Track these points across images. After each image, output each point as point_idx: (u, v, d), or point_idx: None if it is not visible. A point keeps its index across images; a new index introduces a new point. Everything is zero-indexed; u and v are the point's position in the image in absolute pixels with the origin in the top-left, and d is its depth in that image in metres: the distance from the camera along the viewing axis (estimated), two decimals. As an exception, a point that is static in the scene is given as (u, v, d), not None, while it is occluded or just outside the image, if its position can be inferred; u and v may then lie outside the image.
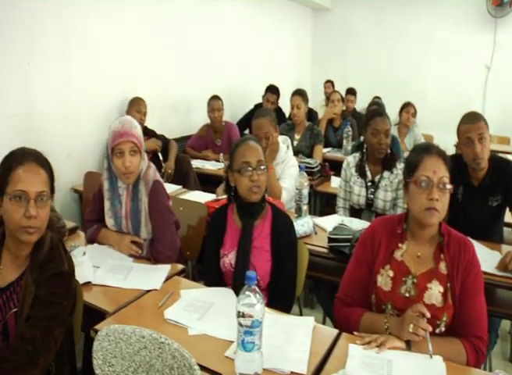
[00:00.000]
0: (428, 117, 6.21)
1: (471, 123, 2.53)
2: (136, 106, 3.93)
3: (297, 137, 4.33)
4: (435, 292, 1.72)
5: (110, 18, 3.91)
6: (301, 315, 3.05)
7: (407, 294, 1.74)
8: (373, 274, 1.81)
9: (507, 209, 2.68)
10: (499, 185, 2.58)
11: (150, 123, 4.05)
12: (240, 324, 1.34)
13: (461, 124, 2.59)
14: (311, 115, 5.25)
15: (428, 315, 1.56)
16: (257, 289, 1.35)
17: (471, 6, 6.70)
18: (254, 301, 1.33)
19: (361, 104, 6.60)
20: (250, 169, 2.01)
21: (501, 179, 2.57)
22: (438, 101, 6.97)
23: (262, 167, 2.04)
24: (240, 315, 1.33)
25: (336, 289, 2.68)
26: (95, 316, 1.75)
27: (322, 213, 3.94)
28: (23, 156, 1.55)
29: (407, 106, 4.75)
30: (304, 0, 7.09)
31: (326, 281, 2.55)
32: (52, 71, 3.47)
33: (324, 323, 2.81)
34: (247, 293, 1.34)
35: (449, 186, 1.71)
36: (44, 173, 1.56)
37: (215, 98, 4.55)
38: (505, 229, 2.92)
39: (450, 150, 5.82)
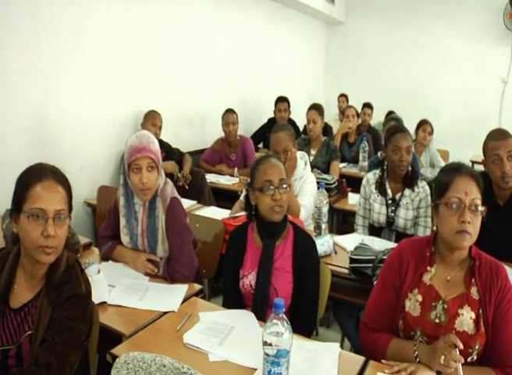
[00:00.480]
0: (443, 132, 6.14)
1: (500, 139, 2.45)
2: (151, 120, 3.89)
3: (313, 152, 4.27)
4: (466, 318, 1.64)
5: (125, 30, 3.90)
6: (317, 334, 2.98)
7: (437, 321, 1.66)
8: (400, 298, 1.73)
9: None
10: (526, 203, 2.50)
11: (164, 136, 4.02)
12: (267, 354, 1.27)
13: (489, 141, 2.51)
14: (326, 129, 5.19)
15: (461, 346, 1.48)
16: (284, 317, 1.28)
17: (487, 19, 6.64)
18: (281, 330, 1.26)
19: (375, 118, 6.55)
20: (272, 187, 1.95)
21: None
22: (453, 115, 6.89)
23: (284, 186, 1.98)
24: (267, 344, 1.26)
25: (355, 310, 2.65)
26: (111, 338, 1.69)
27: (339, 231, 3.87)
28: (41, 172, 1.50)
29: (423, 124, 4.65)
30: (318, 13, 7.07)
31: (345, 302, 2.47)
32: (66, 83, 3.45)
33: (342, 343, 2.73)
34: (275, 321, 1.27)
35: (481, 208, 1.64)
36: (63, 190, 1.51)
37: (230, 111, 4.50)
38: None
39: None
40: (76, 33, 3.48)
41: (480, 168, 5.18)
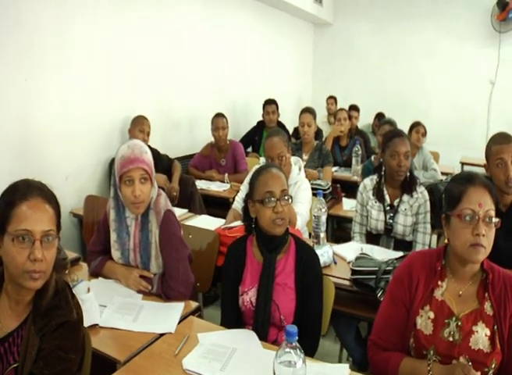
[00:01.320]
0: (432, 133, 6.04)
1: (505, 143, 2.39)
2: (139, 125, 3.76)
3: (305, 157, 4.19)
4: (481, 336, 1.56)
5: (111, 34, 3.77)
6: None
7: (451, 339, 1.58)
8: (411, 315, 1.64)
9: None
10: (529, 210, 2.43)
11: (152, 142, 3.88)
12: (279, 387, 1.17)
13: (492, 144, 2.44)
14: (317, 133, 5.11)
15: None
16: (298, 345, 1.17)
17: (475, 21, 6.64)
18: (294, 359, 1.16)
19: (363, 121, 6.53)
20: (273, 199, 1.85)
21: None
22: (442, 116, 6.86)
23: (286, 197, 1.88)
24: (279, 375, 1.16)
25: (354, 321, 2.56)
26: (104, 365, 1.57)
27: (334, 237, 3.79)
28: (27, 190, 1.36)
29: (416, 126, 4.58)
30: (305, 14, 6.99)
31: (346, 314, 2.38)
32: (51, 88, 3.30)
33: (341, 355, 2.65)
34: (287, 350, 1.17)
35: (495, 220, 1.57)
36: (51, 208, 1.38)
37: (220, 115, 4.38)
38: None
39: (457, 167, 5.74)
40: (61, 38, 3.34)
41: (471, 169, 5.17)
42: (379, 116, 6.30)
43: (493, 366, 1.54)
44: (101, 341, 1.68)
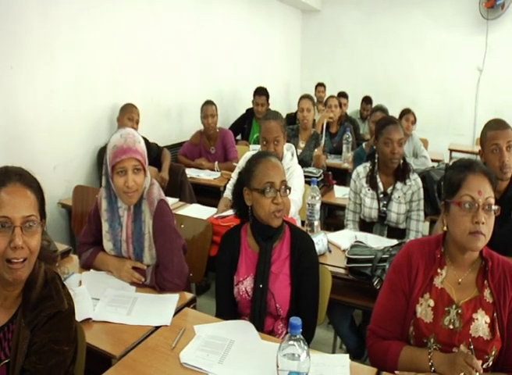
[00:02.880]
0: (420, 120, 6.01)
1: (500, 129, 2.37)
2: (128, 114, 3.68)
3: (302, 145, 4.17)
4: (481, 323, 1.55)
5: (99, 22, 3.67)
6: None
7: (451, 327, 1.57)
8: (411, 304, 1.63)
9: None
10: (522, 197, 2.43)
11: (141, 130, 3.81)
12: (283, 379, 1.14)
13: (488, 130, 2.42)
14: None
15: (481, 371, 1.39)
16: (301, 337, 1.15)
17: (463, 8, 6.62)
18: (298, 352, 1.13)
19: (351, 107, 6.51)
20: (274, 190, 1.80)
21: None
22: (430, 103, 6.86)
23: (286, 189, 1.84)
24: (282, 368, 1.13)
25: (349, 310, 2.55)
26: (99, 360, 1.53)
27: (325, 225, 3.77)
28: (4, 176, 1.30)
29: (406, 114, 4.54)
30: (294, 1, 6.92)
31: (341, 302, 2.36)
32: (37, 76, 3.21)
33: (335, 343, 2.64)
34: (291, 342, 1.14)
35: (495, 207, 1.55)
36: (32, 194, 1.31)
37: (209, 103, 4.32)
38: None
39: (445, 154, 5.74)
40: (48, 25, 3.24)
41: (460, 156, 5.18)
42: (366, 100, 6.34)
43: (493, 353, 1.54)
44: (94, 335, 1.63)
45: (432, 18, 6.82)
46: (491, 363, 1.55)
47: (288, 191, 1.85)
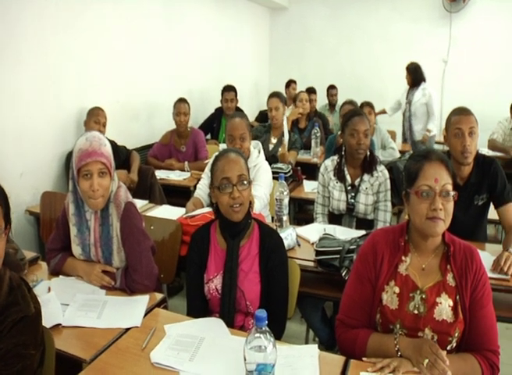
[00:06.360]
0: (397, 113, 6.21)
1: (464, 114, 2.45)
2: (94, 117, 3.66)
3: (274, 140, 4.20)
4: (445, 307, 1.60)
5: (64, 25, 3.62)
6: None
7: (416, 312, 1.61)
8: (377, 292, 1.67)
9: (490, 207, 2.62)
10: (485, 183, 2.52)
11: (110, 133, 3.78)
12: (250, 371, 1.15)
13: (452, 115, 2.50)
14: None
15: (448, 363, 1.43)
16: (267, 329, 1.16)
17: (428, 1, 6.78)
18: (265, 344, 1.15)
19: (320, 102, 6.59)
20: (230, 185, 1.83)
21: (486, 177, 2.51)
22: (398, 96, 6.93)
23: (245, 182, 1.86)
24: (249, 361, 1.15)
25: (320, 302, 2.58)
26: (70, 365, 1.52)
27: (296, 220, 3.80)
28: None
29: (364, 106, 4.56)
30: (261, -2, 6.96)
31: (311, 295, 2.39)
32: (2, 81, 3.16)
33: (307, 335, 2.67)
34: (257, 335, 1.16)
35: (452, 193, 1.60)
36: None
37: (182, 101, 4.35)
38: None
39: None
40: (12, 29, 3.19)
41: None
42: (330, 87, 6.60)
43: (456, 334, 1.58)
44: (64, 340, 1.62)
45: (397, 12, 6.95)
46: (455, 345, 1.60)
47: (248, 184, 1.87)
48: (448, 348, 1.59)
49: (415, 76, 5.64)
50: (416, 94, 5.64)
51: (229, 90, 5.22)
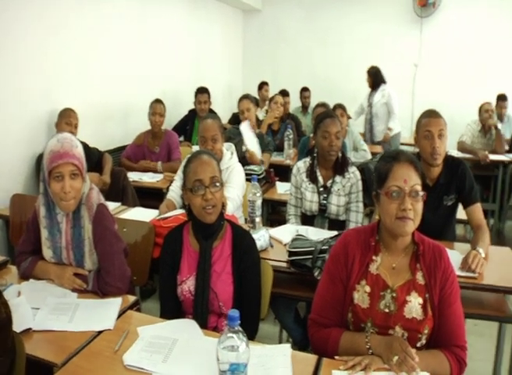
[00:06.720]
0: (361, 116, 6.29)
1: (433, 117, 2.51)
2: (65, 118, 3.61)
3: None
4: (414, 305, 1.63)
5: (31, 24, 3.56)
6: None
7: (387, 310, 1.64)
8: (348, 291, 1.69)
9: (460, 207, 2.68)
10: (453, 184, 2.57)
11: (83, 135, 3.73)
12: (223, 371, 1.16)
13: (422, 118, 2.56)
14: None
15: (417, 359, 1.46)
16: (240, 329, 1.17)
17: (399, 6, 6.92)
18: (237, 343, 1.16)
19: (294, 105, 6.68)
20: (202, 187, 1.84)
21: (455, 177, 2.57)
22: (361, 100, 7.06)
23: (217, 184, 1.87)
24: (222, 361, 1.15)
25: (293, 303, 2.61)
26: (41, 370, 1.50)
27: (269, 221, 3.83)
28: None
29: (336, 108, 4.63)
30: (234, 1, 6.95)
31: (284, 296, 2.41)
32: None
33: (281, 336, 2.69)
34: (229, 334, 1.16)
35: (421, 193, 1.64)
36: None
37: (159, 101, 4.37)
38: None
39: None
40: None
41: (399, 148, 5.34)
42: (303, 89, 6.68)
43: (426, 331, 1.62)
44: (35, 345, 1.60)
45: (369, 16, 7.06)
46: (424, 342, 1.64)
47: (221, 185, 1.88)
48: (418, 344, 1.63)
49: (375, 78, 5.84)
50: (376, 95, 5.82)
51: (202, 92, 5.23)
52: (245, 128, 4.05)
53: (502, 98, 5.87)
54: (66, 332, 1.68)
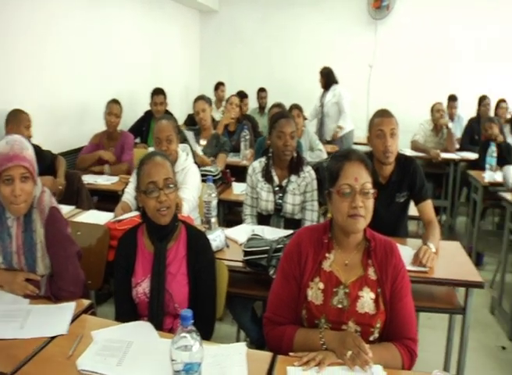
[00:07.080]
0: (317, 116, 6.37)
1: (385, 116, 2.59)
2: (16, 120, 3.49)
3: (203, 142, 4.23)
4: (367, 300, 1.67)
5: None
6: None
7: (340, 306, 1.68)
8: (302, 289, 1.72)
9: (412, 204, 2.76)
10: (405, 181, 2.65)
11: (34, 138, 3.62)
12: (177, 371, 1.16)
13: (375, 117, 2.63)
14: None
15: (371, 355, 1.50)
16: (193, 328, 1.18)
17: (354, 8, 7.07)
18: (190, 343, 1.16)
19: (251, 105, 6.73)
20: (156, 189, 1.83)
21: (407, 175, 2.64)
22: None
23: (171, 185, 1.87)
24: (176, 360, 1.16)
25: (249, 302, 2.62)
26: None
27: (226, 221, 3.83)
28: None
29: (293, 109, 4.66)
30: (190, 1, 6.91)
31: (241, 295, 2.43)
32: None
33: (238, 335, 2.70)
34: (183, 334, 1.17)
35: (372, 190, 1.68)
36: None
37: (115, 102, 4.30)
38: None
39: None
40: None
41: (354, 148, 5.45)
42: (260, 90, 6.75)
43: (378, 325, 1.66)
44: (-17, 355, 1.55)
45: (325, 17, 7.18)
46: (377, 335, 1.68)
47: (175, 187, 1.88)
48: (371, 338, 1.67)
49: (328, 79, 5.96)
50: (327, 95, 5.93)
51: (158, 93, 5.18)
52: (190, 135, 4.08)
53: (452, 99, 6.11)
54: (17, 339, 1.63)
